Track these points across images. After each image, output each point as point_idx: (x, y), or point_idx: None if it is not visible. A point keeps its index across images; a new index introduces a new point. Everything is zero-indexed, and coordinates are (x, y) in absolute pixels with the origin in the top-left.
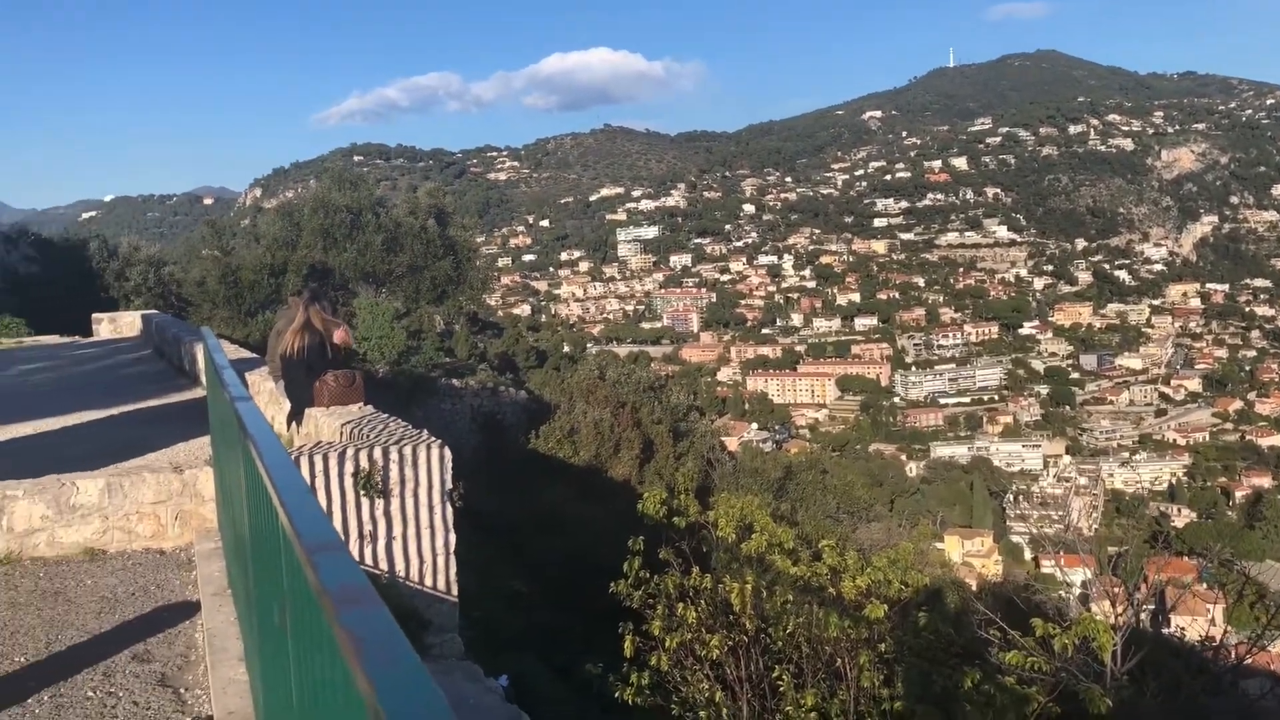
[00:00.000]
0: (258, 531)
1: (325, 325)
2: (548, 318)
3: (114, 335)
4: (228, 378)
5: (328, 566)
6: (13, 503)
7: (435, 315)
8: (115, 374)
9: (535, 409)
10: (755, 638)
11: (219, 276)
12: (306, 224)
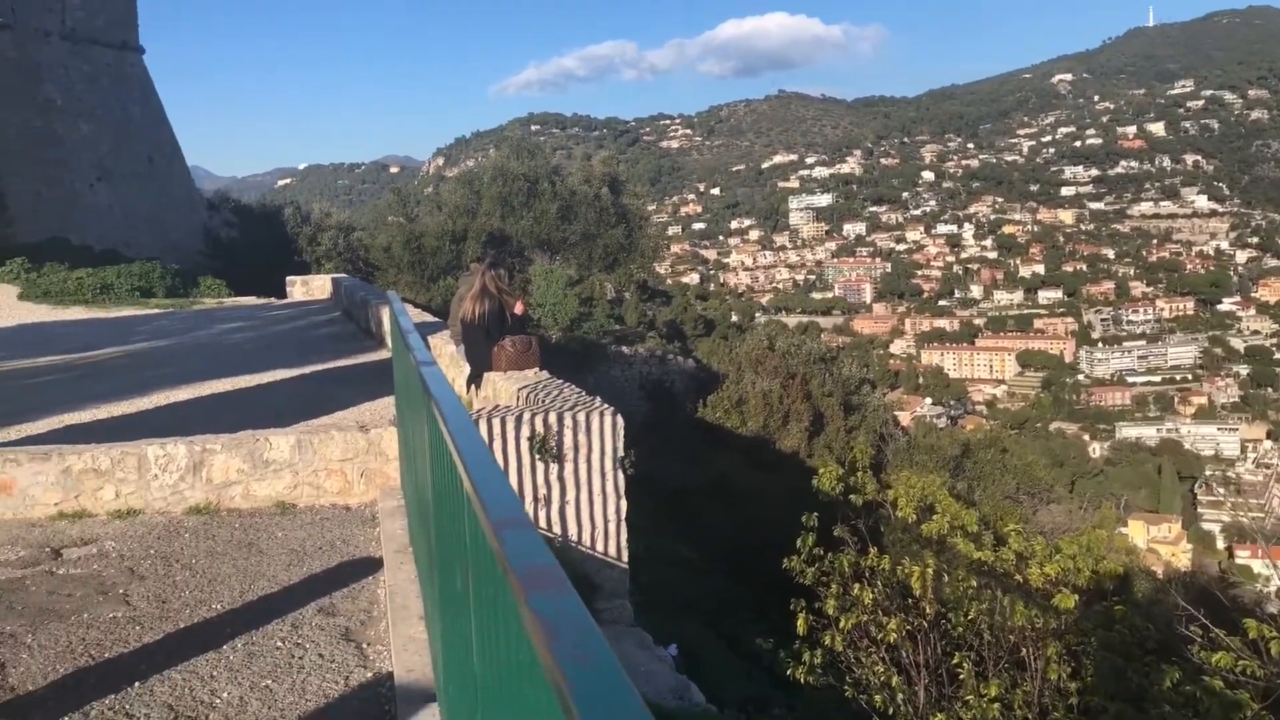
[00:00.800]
0: (440, 494)
1: (503, 292)
2: (716, 286)
3: (306, 297)
4: (413, 342)
5: (515, 544)
6: (212, 456)
7: (606, 283)
8: (306, 334)
9: (703, 378)
10: (934, 623)
11: (403, 242)
12: (486, 192)
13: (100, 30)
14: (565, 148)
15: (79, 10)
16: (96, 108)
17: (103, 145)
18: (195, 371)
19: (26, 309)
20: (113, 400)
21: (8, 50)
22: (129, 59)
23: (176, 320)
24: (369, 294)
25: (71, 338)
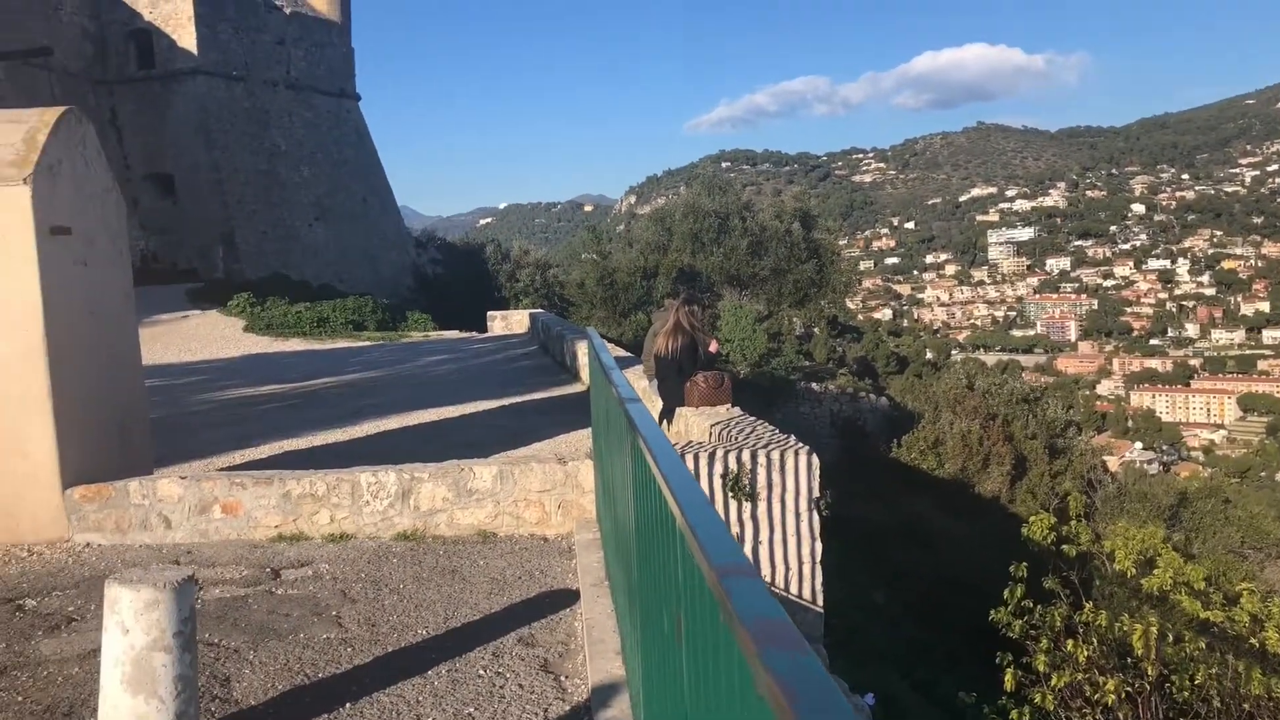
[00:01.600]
0: (644, 532)
1: (696, 329)
2: (910, 322)
3: (505, 332)
4: (616, 378)
5: (741, 594)
6: (420, 484)
7: (795, 318)
8: (505, 367)
9: (896, 416)
10: (1157, 685)
11: (596, 278)
12: (677, 229)
13: (321, 79)
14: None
15: (302, 62)
16: (316, 152)
17: (321, 187)
18: (403, 401)
19: (252, 340)
20: (328, 427)
21: (241, 100)
22: (346, 106)
23: (386, 352)
24: (564, 329)
25: (291, 368)
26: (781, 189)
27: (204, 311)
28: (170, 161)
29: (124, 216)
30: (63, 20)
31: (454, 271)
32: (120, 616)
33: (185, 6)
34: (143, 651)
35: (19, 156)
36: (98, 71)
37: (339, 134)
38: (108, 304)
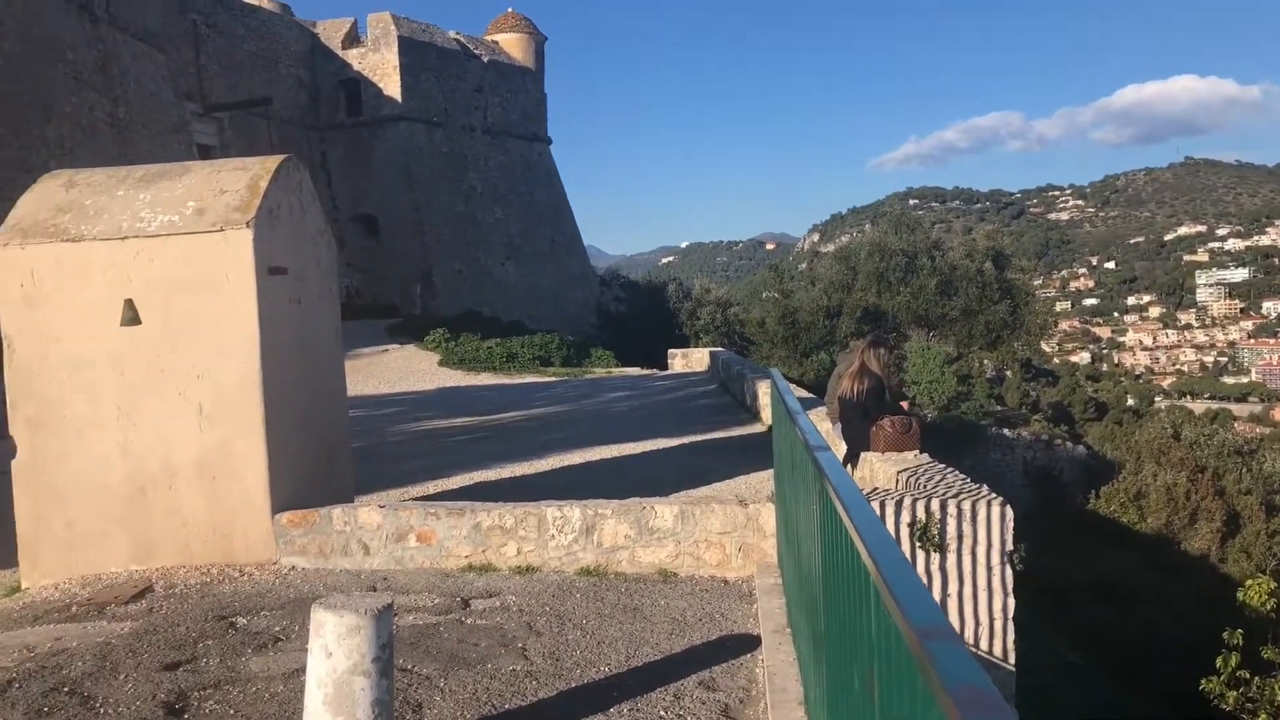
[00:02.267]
0: (831, 583)
1: (885, 372)
2: (1109, 367)
3: (685, 369)
4: (803, 424)
5: (945, 659)
6: (603, 520)
7: (986, 360)
8: (685, 405)
9: (1094, 466)
10: None
11: (778, 317)
12: (862, 267)
13: (515, 124)
14: (945, 221)
15: (498, 108)
16: (509, 193)
17: (513, 227)
18: (586, 437)
19: (446, 374)
20: (515, 460)
21: (440, 145)
22: (538, 149)
23: (571, 388)
24: (745, 368)
25: (482, 401)
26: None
27: (402, 346)
28: (374, 203)
29: (334, 256)
30: (281, 73)
31: (636, 309)
32: (324, 640)
33: (391, 57)
34: (344, 675)
35: (243, 202)
36: (311, 119)
37: (531, 176)
38: (318, 339)
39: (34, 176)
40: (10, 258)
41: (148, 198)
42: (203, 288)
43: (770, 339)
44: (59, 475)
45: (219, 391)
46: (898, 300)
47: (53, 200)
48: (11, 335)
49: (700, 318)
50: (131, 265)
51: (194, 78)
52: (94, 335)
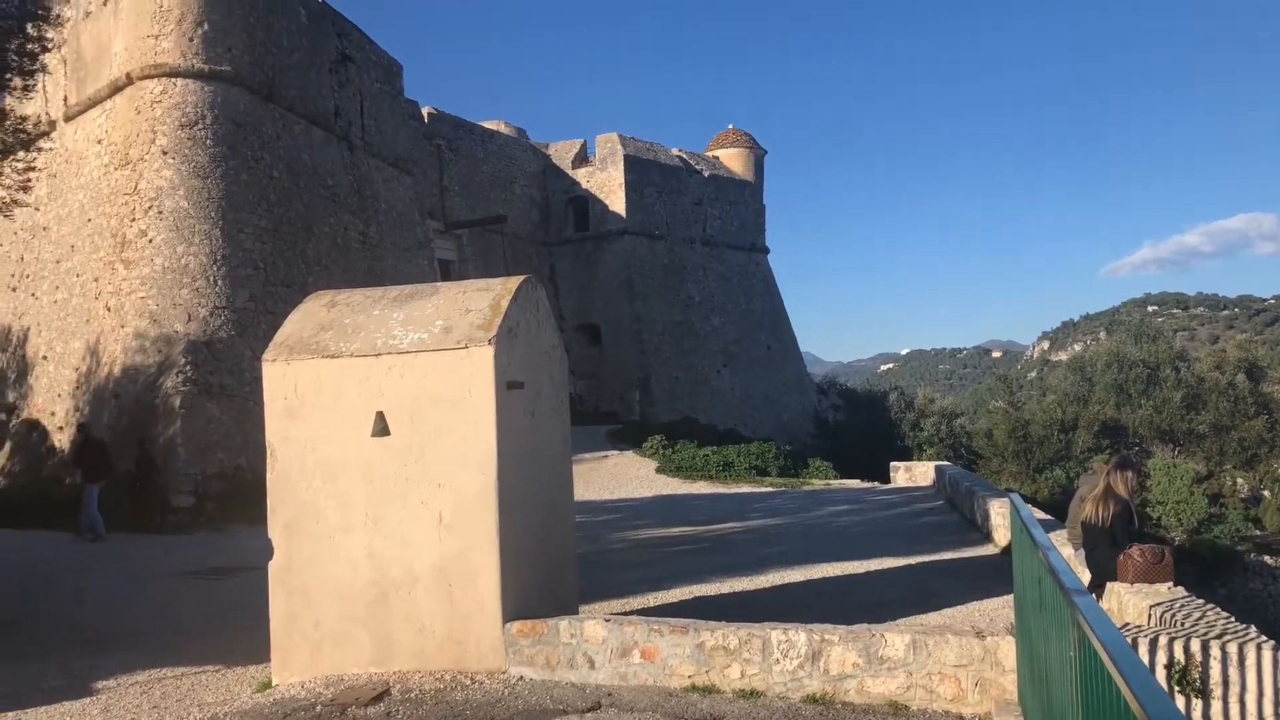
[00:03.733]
0: None
1: (1132, 496)
2: None
3: (909, 483)
4: (1055, 561)
5: None
6: (829, 646)
7: (1240, 480)
8: (910, 522)
9: None
10: None
11: (1008, 430)
12: (1099, 379)
13: (733, 235)
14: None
15: (718, 220)
16: (726, 302)
17: (729, 335)
18: (805, 552)
19: (663, 481)
20: (734, 575)
21: (661, 256)
22: (756, 259)
23: (788, 499)
24: (974, 484)
25: (699, 510)
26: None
27: (621, 452)
28: (598, 312)
29: (565, 371)
30: (516, 192)
31: (855, 418)
32: None
33: (617, 175)
34: None
35: (486, 321)
36: (541, 234)
37: (748, 285)
38: (549, 450)
39: (295, 290)
40: (278, 372)
41: (400, 316)
42: (447, 401)
43: (1000, 453)
44: (310, 577)
45: (458, 501)
46: (1139, 414)
47: (316, 319)
48: (274, 444)
49: (923, 429)
50: (384, 379)
51: (437, 198)
52: (347, 445)
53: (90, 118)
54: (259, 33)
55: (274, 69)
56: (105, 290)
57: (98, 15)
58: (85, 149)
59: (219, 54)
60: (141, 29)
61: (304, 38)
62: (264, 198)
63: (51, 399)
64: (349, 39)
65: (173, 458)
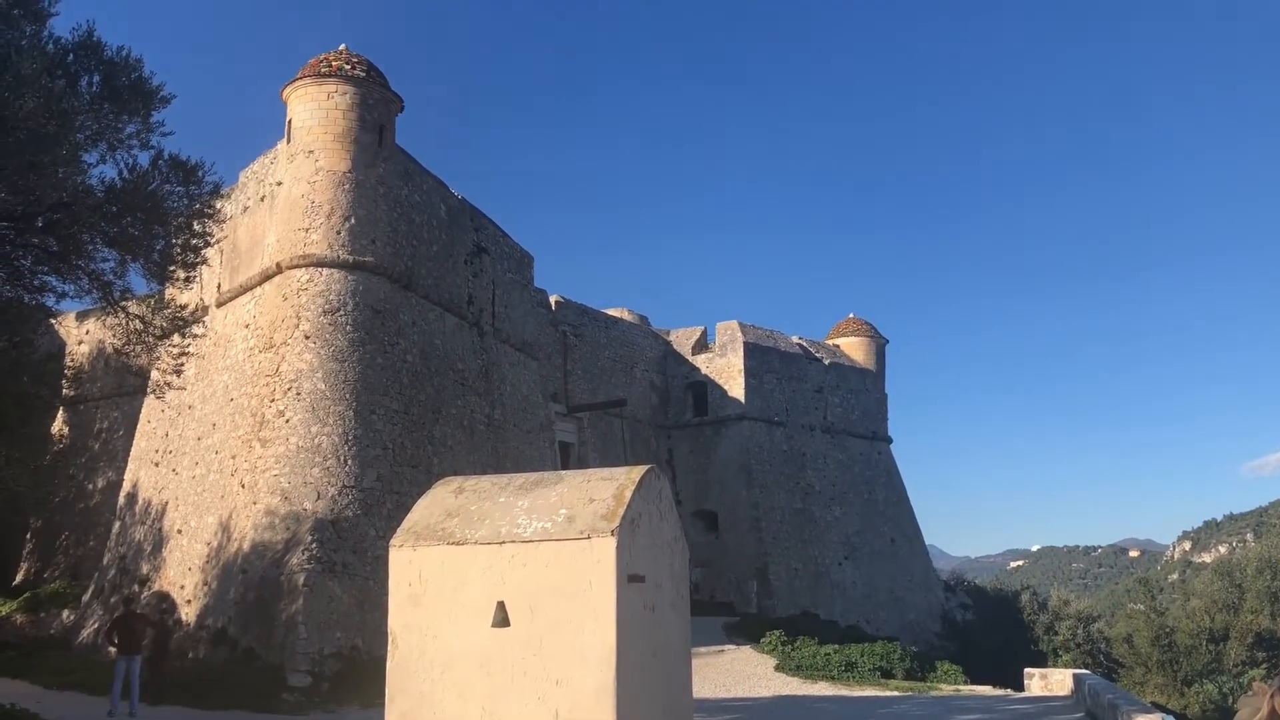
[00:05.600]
0: None
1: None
2: None
3: (1044, 692)
4: None
5: None
6: None
7: None
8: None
9: None
10: None
11: (1150, 638)
12: (1250, 585)
13: (855, 423)
14: None
15: (838, 407)
16: (848, 492)
17: (851, 526)
18: None
19: (781, 680)
20: None
21: (780, 443)
22: (878, 448)
23: (915, 705)
24: (1117, 697)
25: (822, 714)
26: None
27: (738, 646)
28: (715, 499)
29: (686, 563)
30: (636, 376)
31: (984, 619)
32: None
33: (736, 361)
34: None
35: (609, 511)
36: (660, 418)
37: (870, 474)
38: (668, 647)
39: (420, 471)
40: (404, 558)
41: (525, 504)
42: (567, 593)
43: (1143, 662)
44: None
45: (575, 698)
46: None
47: (443, 505)
48: (396, 631)
49: (1058, 632)
50: (506, 568)
51: (560, 381)
52: (467, 634)
53: (240, 303)
54: (401, 227)
55: (413, 260)
56: (241, 467)
57: (254, 210)
58: (233, 332)
59: (363, 246)
60: (293, 222)
61: (443, 231)
62: (397, 380)
63: (182, 572)
64: (484, 232)
65: (293, 635)
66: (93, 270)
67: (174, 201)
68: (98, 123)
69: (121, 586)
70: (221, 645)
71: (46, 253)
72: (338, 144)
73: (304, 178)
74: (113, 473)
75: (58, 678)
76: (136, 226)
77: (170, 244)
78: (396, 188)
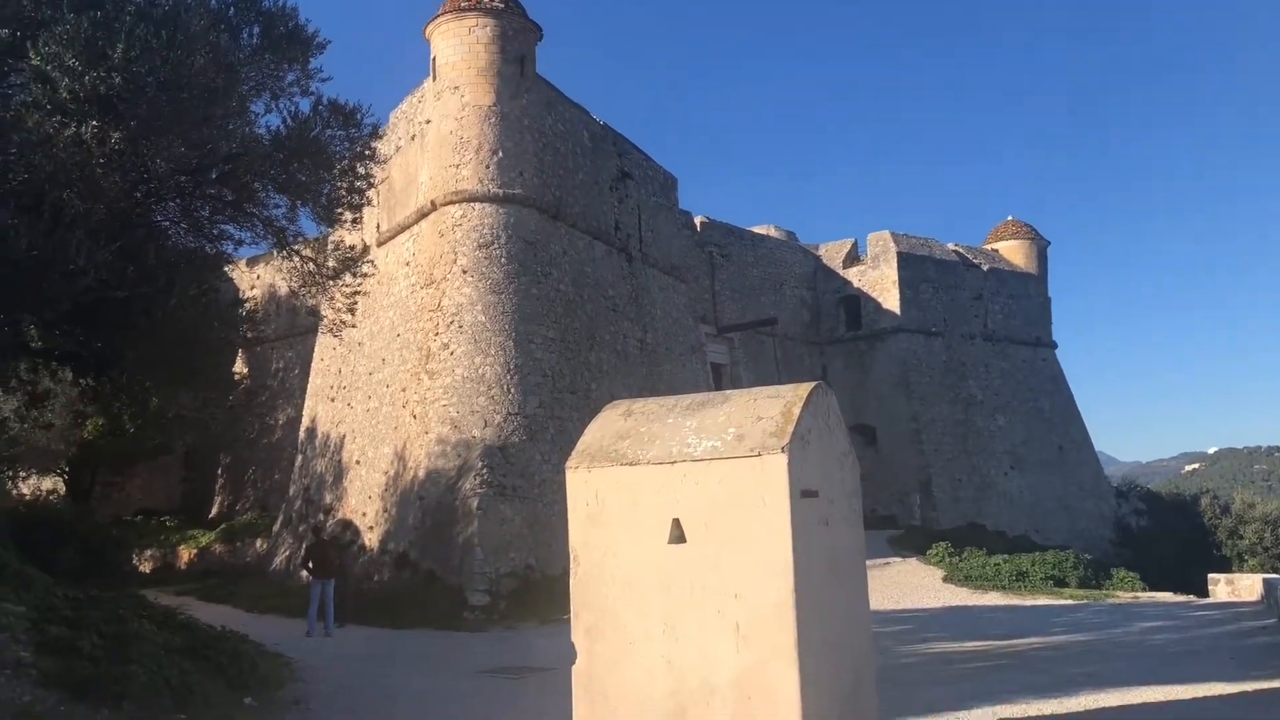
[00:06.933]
0: None
1: None
2: None
3: (1231, 598)
4: None
5: None
6: None
7: None
8: (1240, 642)
9: None
10: None
11: None
12: None
13: (1016, 330)
14: None
15: (999, 314)
16: (1011, 400)
17: (1016, 435)
18: (1119, 674)
19: (950, 591)
20: (1040, 695)
21: (939, 354)
22: (1041, 354)
23: (1092, 613)
24: None
25: (993, 623)
26: None
27: (904, 559)
28: (872, 413)
29: (858, 477)
30: (786, 294)
31: (1160, 525)
32: None
33: (890, 273)
34: None
35: (778, 428)
36: (812, 334)
37: (1034, 381)
38: (843, 560)
39: (579, 397)
40: (580, 479)
41: (693, 425)
42: (739, 510)
43: None
44: (611, 684)
45: (754, 612)
46: None
47: (613, 428)
48: (577, 549)
49: (1243, 536)
50: (679, 487)
51: (709, 303)
52: (644, 552)
53: (399, 242)
54: (547, 157)
55: (560, 189)
56: (411, 399)
57: (406, 150)
58: (395, 270)
59: (511, 179)
60: (444, 159)
61: (587, 159)
62: (551, 309)
63: (363, 500)
64: (628, 157)
65: (470, 557)
66: (266, 216)
67: (337, 145)
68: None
69: (308, 516)
70: (404, 568)
71: (222, 202)
72: (481, 78)
73: (451, 114)
74: (291, 409)
75: (257, 602)
76: (304, 172)
77: (335, 187)
78: (540, 118)
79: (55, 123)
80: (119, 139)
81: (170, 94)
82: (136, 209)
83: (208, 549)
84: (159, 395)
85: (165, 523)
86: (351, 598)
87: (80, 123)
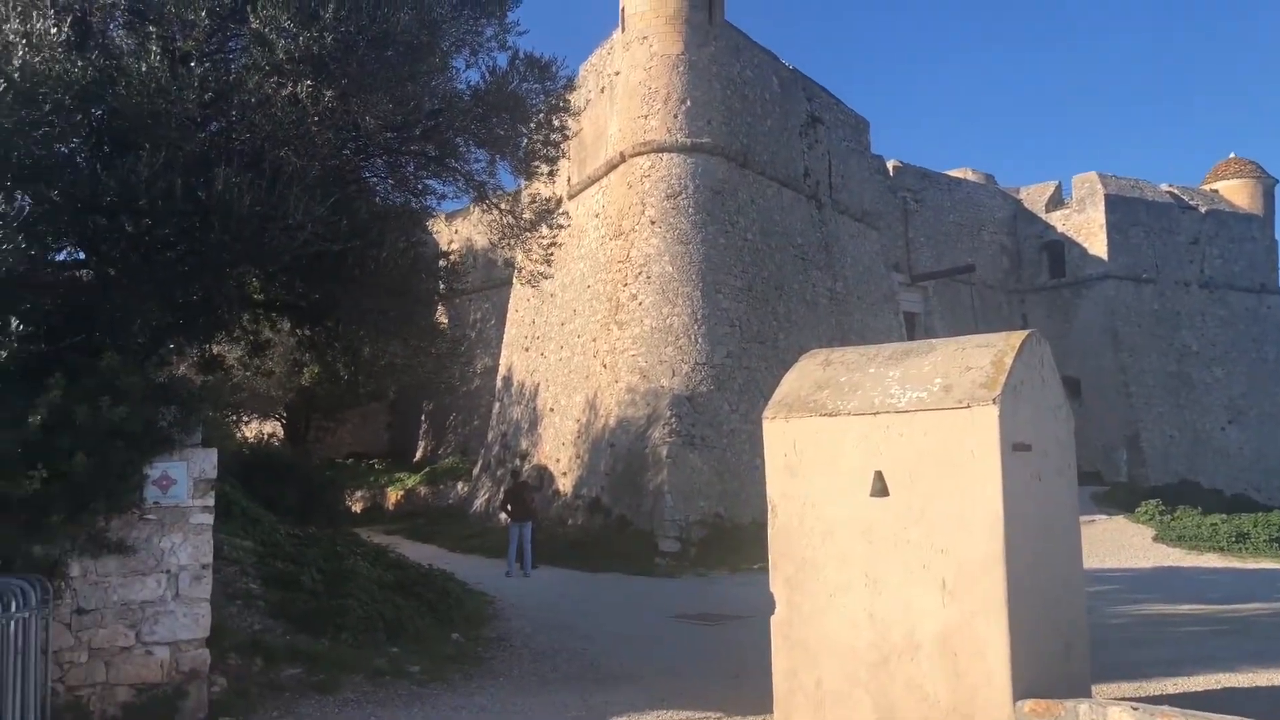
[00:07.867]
0: None
1: None
2: None
3: None
4: None
5: None
6: None
7: None
8: None
9: None
10: None
11: None
12: None
13: (1237, 276)
14: None
15: (1217, 260)
16: (1231, 351)
17: (1235, 388)
18: None
19: (1161, 551)
20: (1267, 664)
21: (1150, 302)
22: (1266, 301)
23: None
24: None
25: (1211, 586)
26: None
27: (1109, 516)
28: (1076, 364)
29: (1072, 431)
30: (984, 240)
31: None
32: None
33: (1097, 216)
34: None
35: (989, 379)
36: (1011, 282)
37: (1258, 331)
38: (1057, 517)
39: (767, 347)
40: (777, 430)
41: (896, 375)
42: (946, 463)
43: None
44: (811, 634)
45: (961, 567)
46: None
47: (812, 378)
48: (775, 499)
49: None
50: (881, 439)
51: (902, 250)
52: (845, 504)
53: (589, 194)
54: (735, 104)
55: (748, 137)
56: (601, 349)
57: (595, 102)
58: (585, 222)
59: (699, 128)
60: (632, 110)
61: (776, 105)
62: (739, 259)
63: (556, 447)
64: (818, 101)
65: (660, 504)
66: (467, 171)
67: (533, 99)
68: (460, 28)
69: (505, 461)
70: (597, 513)
71: (426, 158)
72: (669, 26)
73: (639, 64)
74: (488, 359)
75: (459, 542)
76: (503, 126)
77: (532, 140)
78: (728, 65)
79: (273, 83)
80: (331, 97)
81: (378, 52)
82: (347, 165)
83: (413, 491)
84: (371, 344)
85: (374, 465)
86: (546, 540)
87: (295, 82)
